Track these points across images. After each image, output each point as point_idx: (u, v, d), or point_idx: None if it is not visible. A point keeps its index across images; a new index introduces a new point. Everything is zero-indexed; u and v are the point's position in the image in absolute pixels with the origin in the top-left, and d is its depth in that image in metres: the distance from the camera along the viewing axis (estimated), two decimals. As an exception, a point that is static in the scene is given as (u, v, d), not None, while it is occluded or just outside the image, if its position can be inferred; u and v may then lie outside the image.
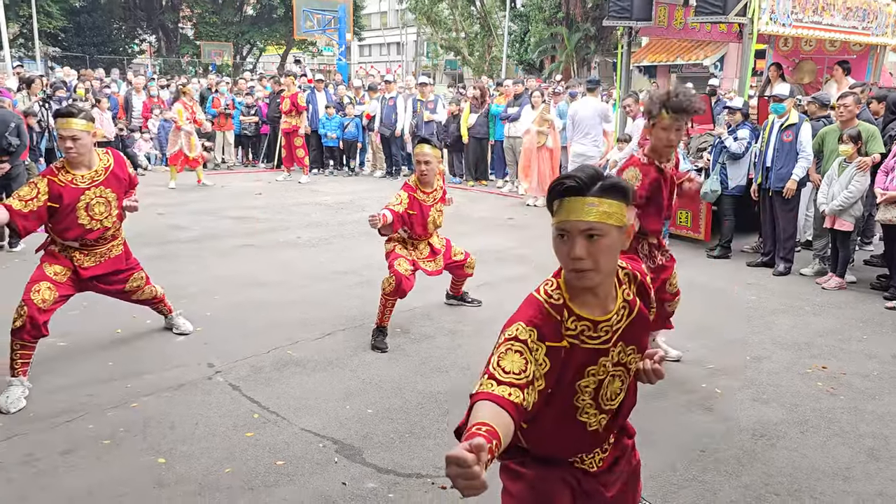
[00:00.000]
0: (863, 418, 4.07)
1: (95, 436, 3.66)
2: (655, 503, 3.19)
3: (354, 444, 3.64)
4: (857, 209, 6.43)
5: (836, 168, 6.55)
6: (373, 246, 8.00)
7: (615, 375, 1.95)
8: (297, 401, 4.11)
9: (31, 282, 4.11)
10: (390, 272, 4.99)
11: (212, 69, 29.83)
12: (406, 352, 4.91)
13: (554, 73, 26.27)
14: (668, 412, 4.10)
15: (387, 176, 13.66)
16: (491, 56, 33.81)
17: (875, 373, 4.73)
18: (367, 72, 24.44)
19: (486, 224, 9.42)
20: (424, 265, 5.26)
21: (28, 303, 4.01)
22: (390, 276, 4.97)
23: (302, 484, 3.28)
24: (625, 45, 10.44)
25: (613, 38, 23.02)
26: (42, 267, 4.21)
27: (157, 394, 4.16)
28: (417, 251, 5.29)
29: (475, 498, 1.43)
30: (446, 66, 43.20)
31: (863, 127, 6.55)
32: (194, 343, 4.96)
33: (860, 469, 3.53)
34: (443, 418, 3.94)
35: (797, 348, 5.14)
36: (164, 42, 38.33)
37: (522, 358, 1.73)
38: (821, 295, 6.44)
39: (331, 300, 5.98)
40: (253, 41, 39.11)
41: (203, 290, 6.14)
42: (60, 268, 4.25)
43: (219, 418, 3.88)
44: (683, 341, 5.09)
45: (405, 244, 5.27)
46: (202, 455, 3.50)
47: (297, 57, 36.00)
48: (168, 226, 8.79)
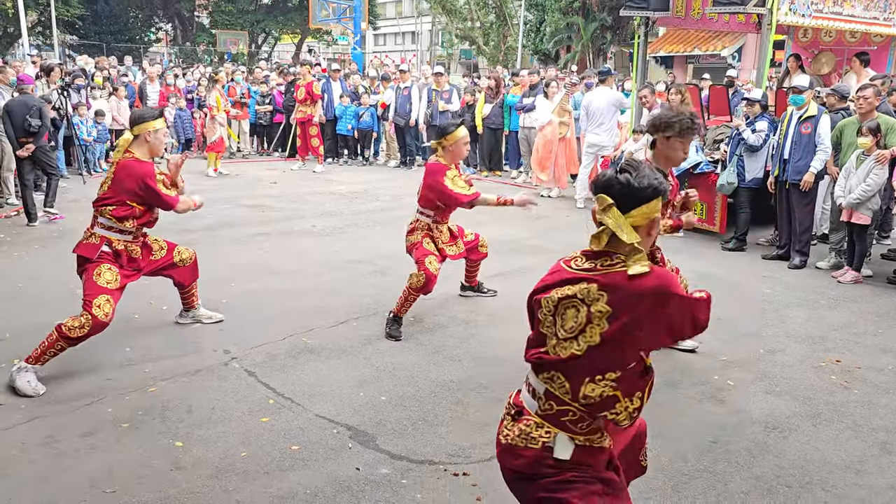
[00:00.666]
0: (876, 412, 4.06)
1: (114, 419, 3.72)
2: (666, 493, 3.21)
3: (368, 431, 3.68)
4: (874, 202, 6.38)
5: (854, 161, 6.50)
6: (387, 235, 8.04)
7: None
8: (312, 387, 4.16)
9: (89, 295, 4.11)
10: (420, 269, 4.95)
11: (227, 58, 29.96)
12: (419, 341, 4.94)
13: (570, 64, 26.15)
14: (680, 403, 4.11)
15: (401, 166, 13.68)
16: (506, 46, 33.65)
17: (890, 367, 4.71)
18: (381, 61, 24.44)
19: (499, 215, 9.40)
20: (448, 250, 5.21)
21: (94, 319, 4.05)
22: (420, 272, 4.93)
23: (316, 469, 3.32)
24: (641, 35, 10.38)
25: (630, 28, 22.85)
26: (94, 279, 4.17)
27: (175, 379, 4.22)
28: (442, 236, 5.21)
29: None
30: (461, 56, 43.07)
31: (882, 119, 6.49)
32: (210, 329, 5.02)
33: (872, 462, 3.53)
34: (455, 407, 3.98)
35: (811, 342, 5.13)
36: (179, 30, 38.55)
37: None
38: (836, 289, 6.41)
39: (345, 289, 6.02)
40: (268, 30, 39.21)
41: (218, 277, 6.20)
42: (111, 275, 4.24)
43: (235, 403, 3.94)
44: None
45: (430, 231, 5.18)
46: (218, 439, 3.56)
47: (312, 46, 36.05)
48: (185, 214, 8.84)
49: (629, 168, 2.06)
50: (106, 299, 4.13)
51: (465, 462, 3.42)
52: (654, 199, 2.04)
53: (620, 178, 2.03)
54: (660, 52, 22.18)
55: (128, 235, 4.41)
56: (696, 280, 4.48)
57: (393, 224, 8.66)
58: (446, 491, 3.18)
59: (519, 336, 4.96)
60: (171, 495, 3.09)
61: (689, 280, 4.64)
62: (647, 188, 2.02)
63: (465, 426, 3.77)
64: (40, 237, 7.55)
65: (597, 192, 2.07)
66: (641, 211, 2.03)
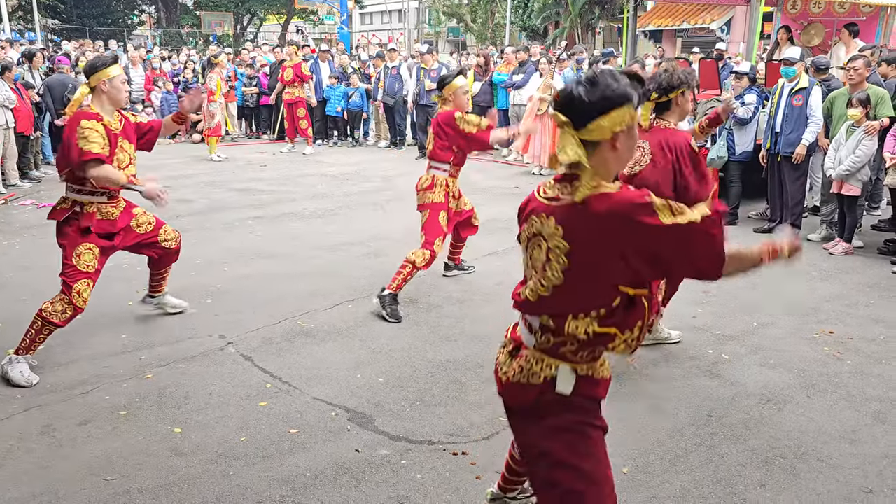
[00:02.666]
0: (869, 382, 4.10)
1: (112, 406, 3.72)
2: (665, 467, 3.24)
3: (366, 413, 3.70)
4: (864, 173, 6.40)
5: (845, 132, 6.51)
6: (379, 217, 8.03)
7: None
8: (309, 370, 4.17)
9: (69, 277, 4.00)
10: (428, 248, 4.98)
11: (212, 40, 29.59)
12: (415, 321, 4.95)
13: (558, 40, 25.97)
14: (676, 378, 4.14)
15: (391, 146, 13.61)
16: (494, 23, 33.36)
17: (882, 337, 4.76)
18: (368, 41, 24.21)
19: (493, 193, 9.40)
20: (452, 206, 5.23)
21: (74, 305, 4.01)
22: (425, 251, 4.97)
23: (316, 451, 3.34)
24: (631, 9, 10.32)
25: (619, 2, 22.70)
26: (73, 262, 4.02)
27: (171, 365, 4.21)
28: (454, 190, 5.23)
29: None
30: (449, 34, 42.69)
31: (872, 91, 6.49)
32: (205, 315, 5.01)
33: (866, 432, 3.57)
34: (453, 386, 3.99)
35: (804, 314, 5.16)
36: (163, 13, 37.93)
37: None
38: (828, 260, 6.44)
39: (339, 271, 6.01)
40: (253, 10, 38.66)
41: (211, 262, 6.18)
42: (90, 256, 4.06)
43: (232, 388, 3.94)
44: (691, 307, 5.11)
45: (448, 187, 5.14)
46: (217, 424, 3.56)
47: (299, 26, 35.64)
48: (174, 199, 8.75)
49: (586, 80, 1.86)
50: (86, 284, 4.03)
51: (464, 441, 3.43)
52: (615, 109, 1.83)
53: (573, 92, 1.85)
54: (648, 26, 22.04)
55: (100, 196, 4.12)
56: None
57: (385, 205, 8.65)
58: (445, 470, 3.20)
59: (513, 315, 4.97)
60: (171, 481, 3.09)
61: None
62: (601, 99, 1.82)
63: (462, 406, 3.79)
64: (30, 225, 7.48)
65: (555, 109, 1.90)
66: (599, 124, 1.83)
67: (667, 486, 3.07)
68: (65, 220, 4.09)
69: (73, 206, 4.09)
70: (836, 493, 3.08)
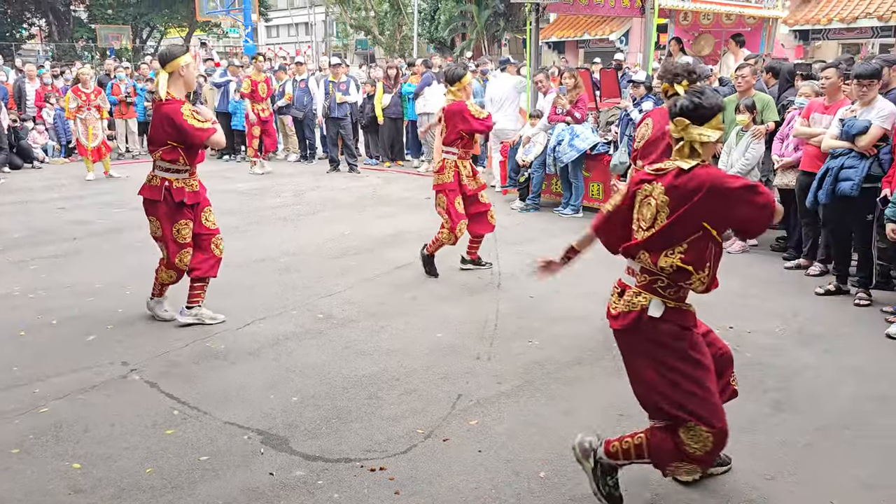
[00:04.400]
0: (767, 373, 4.31)
1: (2, 445, 3.47)
2: (578, 468, 3.29)
3: (280, 434, 3.60)
4: (754, 175, 6.75)
5: (735, 137, 6.86)
6: (290, 231, 7.88)
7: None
8: (219, 394, 4.02)
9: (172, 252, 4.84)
10: (451, 232, 5.87)
11: (109, 54, 28.40)
12: (329, 336, 4.87)
13: (465, 51, 26.32)
14: (585, 379, 4.24)
15: (301, 160, 13.42)
16: (402, 35, 33.53)
17: (777, 329, 5.02)
18: (275, 53, 23.83)
19: (405, 205, 9.41)
20: (470, 185, 6.02)
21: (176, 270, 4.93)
22: (450, 234, 5.88)
23: (228, 478, 3.22)
24: (533, 21, 10.56)
25: (522, 14, 23.23)
26: (174, 238, 4.81)
27: (69, 397, 3.98)
28: (465, 171, 6.01)
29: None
30: (357, 47, 42.57)
31: (758, 97, 6.87)
32: (106, 341, 4.76)
33: (765, 421, 3.75)
34: (369, 401, 3.94)
35: (705, 310, 5.35)
36: (55, 26, 36.10)
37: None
38: (725, 258, 6.65)
39: (249, 289, 5.85)
40: (153, 23, 37.40)
41: (112, 284, 5.90)
42: (187, 230, 4.85)
43: (136, 417, 3.75)
44: (596, 307, 5.24)
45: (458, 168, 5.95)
46: (120, 457, 3.38)
47: (202, 39, 34.70)
48: (71, 221, 8.37)
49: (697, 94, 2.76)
50: (186, 252, 4.88)
51: (382, 456, 3.39)
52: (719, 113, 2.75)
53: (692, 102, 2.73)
54: (552, 37, 22.68)
55: (184, 174, 4.81)
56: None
57: (296, 220, 8.50)
58: (363, 487, 3.15)
59: (427, 327, 4.97)
60: (71, 521, 2.91)
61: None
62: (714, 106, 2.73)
63: (379, 420, 3.74)
64: None
65: (673, 117, 2.76)
66: (712, 123, 2.73)
67: (581, 487, 3.12)
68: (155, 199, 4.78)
69: (162, 183, 4.76)
70: (740, 481, 3.21)
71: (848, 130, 5.35)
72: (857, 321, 5.19)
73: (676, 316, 2.78)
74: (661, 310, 2.74)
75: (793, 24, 17.74)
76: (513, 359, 4.46)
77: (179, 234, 4.82)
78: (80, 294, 5.69)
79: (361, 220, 8.45)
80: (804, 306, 5.49)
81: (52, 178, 11.39)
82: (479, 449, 3.47)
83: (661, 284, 2.76)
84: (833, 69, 6.00)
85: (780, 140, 6.64)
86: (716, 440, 2.76)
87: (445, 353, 4.59)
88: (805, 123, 6.06)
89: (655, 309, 2.74)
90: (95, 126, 11.36)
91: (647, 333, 2.77)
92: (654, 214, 2.75)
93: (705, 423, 2.73)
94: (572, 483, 3.14)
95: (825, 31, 17.91)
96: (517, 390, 4.09)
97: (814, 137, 5.88)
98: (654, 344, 2.77)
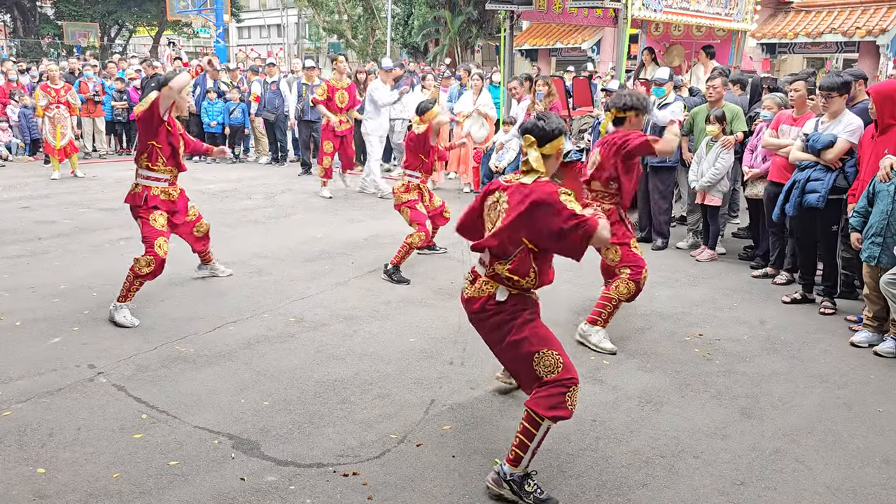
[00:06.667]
0: (736, 380, 4.38)
1: (-37, 450, 3.38)
2: (552, 474, 3.31)
3: (252, 438, 3.55)
4: (724, 185, 6.87)
5: (705, 147, 6.96)
6: (261, 234, 7.80)
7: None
8: (188, 398, 3.96)
9: (150, 238, 5.05)
10: (420, 229, 6.11)
11: (76, 51, 27.88)
12: (301, 340, 4.82)
13: (439, 57, 26.38)
14: (561, 385, 4.24)
15: (272, 162, 13.30)
16: (375, 39, 33.46)
17: (745, 337, 5.10)
18: (247, 55, 23.62)
19: (378, 208, 9.38)
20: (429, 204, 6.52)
21: (157, 257, 5.01)
22: (420, 232, 6.10)
23: (198, 483, 3.16)
24: (507, 28, 10.62)
25: (496, 21, 23.35)
26: (150, 224, 5.12)
27: (33, 400, 3.88)
28: (425, 192, 6.49)
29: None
30: (329, 49, 42.42)
31: (728, 108, 6.99)
32: (72, 343, 4.66)
33: (735, 427, 3.80)
34: (342, 406, 3.91)
35: (676, 318, 5.46)
36: (20, 22, 35.33)
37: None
38: (695, 267, 6.86)
39: (219, 292, 5.77)
40: (122, 21, 36.80)
41: (78, 286, 5.78)
42: (163, 219, 5.20)
43: (103, 421, 3.68)
44: (574, 316, 5.29)
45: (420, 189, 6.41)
46: (87, 461, 3.31)
47: (171, 39, 34.26)
48: (35, 221, 8.18)
49: (542, 118, 3.16)
50: (164, 240, 5.10)
51: (355, 461, 3.37)
52: (559, 137, 3.16)
53: (538, 124, 3.12)
54: (525, 45, 22.82)
55: (163, 182, 5.25)
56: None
57: (266, 223, 8.42)
58: (336, 493, 3.12)
59: (400, 331, 4.95)
60: (35, 527, 2.84)
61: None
62: (555, 129, 3.14)
63: (352, 425, 3.72)
64: None
65: (523, 133, 3.15)
66: (553, 144, 3.16)
67: (555, 493, 3.13)
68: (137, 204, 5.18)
69: (143, 191, 5.17)
70: (711, 487, 3.25)
71: (813, 145, 5.46)
72: (822, 329, 5.29)
73: (520, 301, 3.17)
74: (505, 296, 3.15)
75: (760, 37, 18.12)
76: (486, 363, 4.46)
77: (156, 221, 5.15)
78: (44, 295, 5.56)
79: (334, 224, 8.40)
80: (771, 314, 5.59)
81: (16, 177, 11.13)
82: (453, 454, 3.46)
83: (503, 278, 3.17)
84: (801, 82, 6.13)
85: (749, 151, 6.76)
86: (565, 362, 3.13)
87: (418, 358, 4.57)
88: (774, 135, 6.17)
89: (501, 295, 3.15)
90: (64, 124, 11.13)
91: (494, 313, 3.17)
92: (497, 219, 3.12)
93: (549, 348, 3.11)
94: (547, 488, 3.15)
95: (792, 45, 18.31)
96: (490, 395, 4.10)
97: (782, 149, 6.00)
98: (500, 319, 3.17)
